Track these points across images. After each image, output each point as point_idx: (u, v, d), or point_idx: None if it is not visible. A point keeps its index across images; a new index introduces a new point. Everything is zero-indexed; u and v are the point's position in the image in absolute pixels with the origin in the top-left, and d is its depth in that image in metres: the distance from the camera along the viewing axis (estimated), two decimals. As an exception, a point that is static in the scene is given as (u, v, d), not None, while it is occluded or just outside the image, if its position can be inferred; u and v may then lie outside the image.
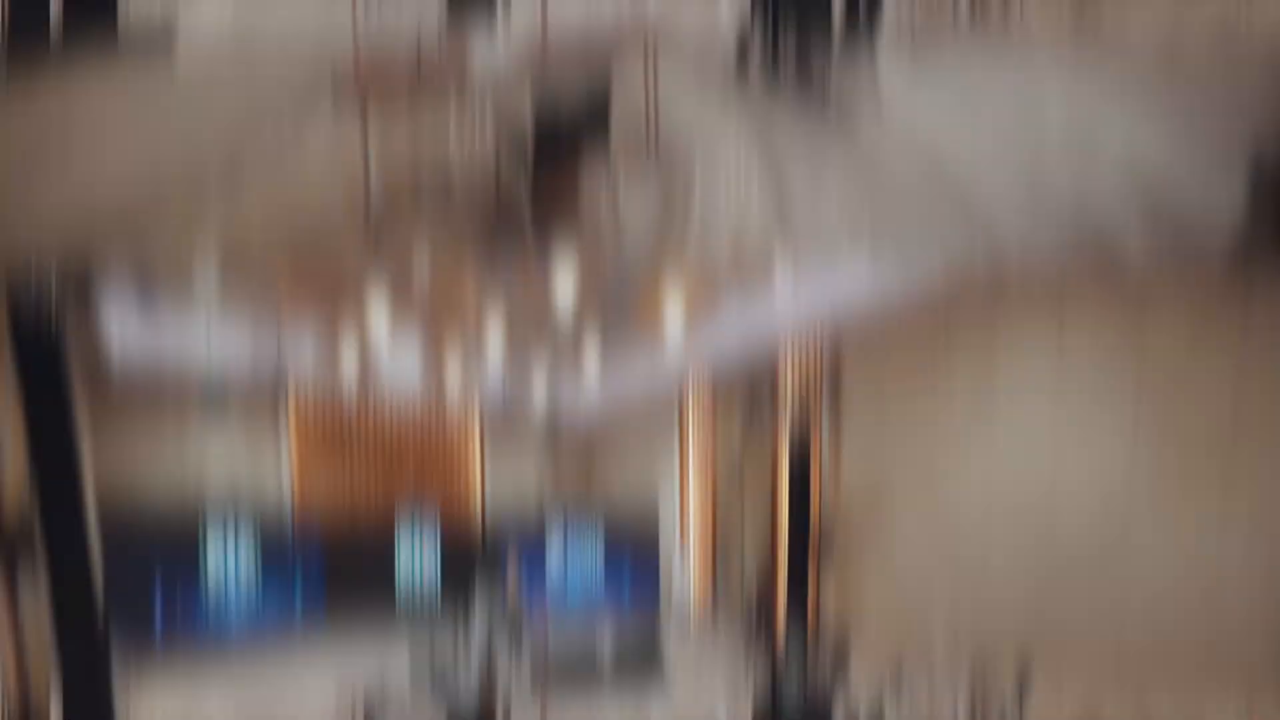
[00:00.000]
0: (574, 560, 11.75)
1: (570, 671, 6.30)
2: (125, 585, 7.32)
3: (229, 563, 8.75)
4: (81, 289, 4.19)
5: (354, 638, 9.28)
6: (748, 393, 7.88)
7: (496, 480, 10.92)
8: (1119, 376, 6.16)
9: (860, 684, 7.04)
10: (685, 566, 10.09)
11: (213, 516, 8.76)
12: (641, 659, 6.95)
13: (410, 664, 5.35)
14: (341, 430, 9.84)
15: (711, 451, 8.98)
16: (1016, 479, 7.01)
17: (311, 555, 9.89)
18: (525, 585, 8.59)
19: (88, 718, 4.45)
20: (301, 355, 7.02)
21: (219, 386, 8.53)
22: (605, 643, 6.60)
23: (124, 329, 6.03)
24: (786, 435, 7.96)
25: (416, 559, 10.86)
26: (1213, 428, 5.81)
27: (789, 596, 8.95)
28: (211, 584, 8.48)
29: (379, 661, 9.31)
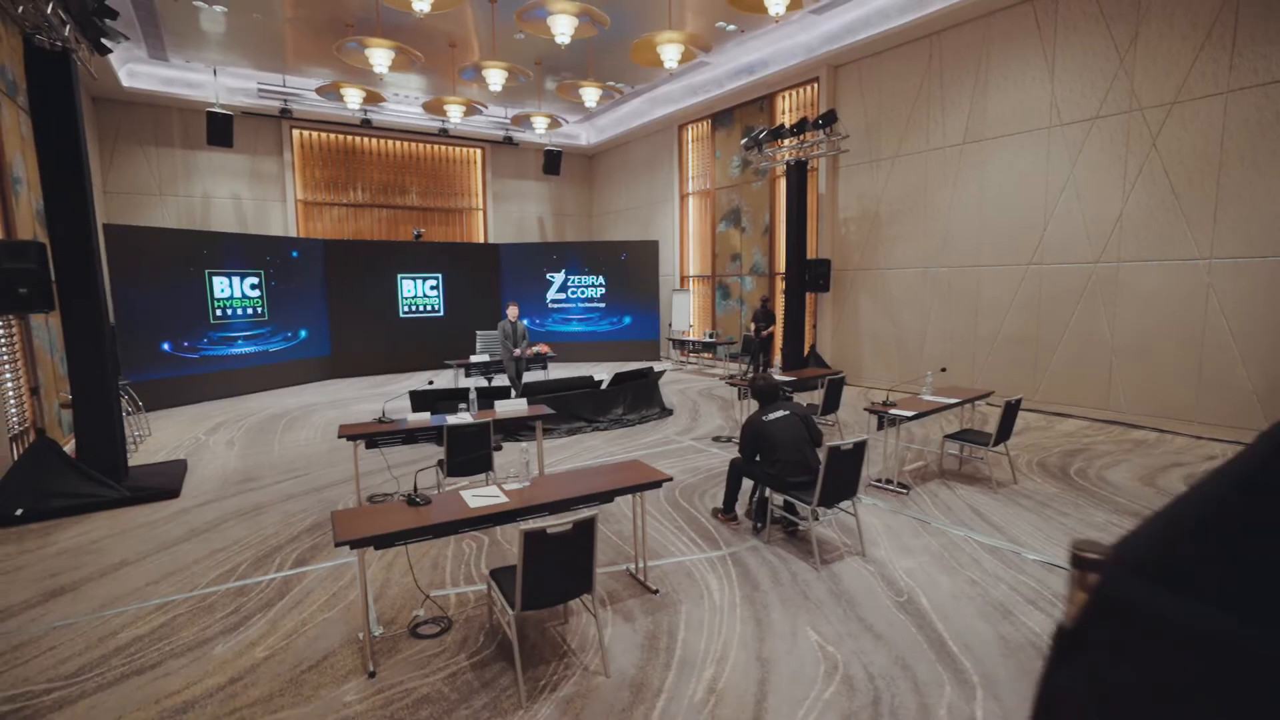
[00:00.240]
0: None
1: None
2: (135, 309, 7.74)
3: (236, 289, 9.08)
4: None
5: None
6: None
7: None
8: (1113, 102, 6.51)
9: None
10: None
11: (222, 242, 9.13)
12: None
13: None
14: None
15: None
16: (1011, 207, 7.38)
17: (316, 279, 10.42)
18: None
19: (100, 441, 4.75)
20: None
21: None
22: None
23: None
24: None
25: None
26: (1202, 152, 5.98)
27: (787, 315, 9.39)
28: (219, 309, 8.86)
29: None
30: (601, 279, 12.91)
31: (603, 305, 13.01)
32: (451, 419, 4.30)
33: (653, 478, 3.06)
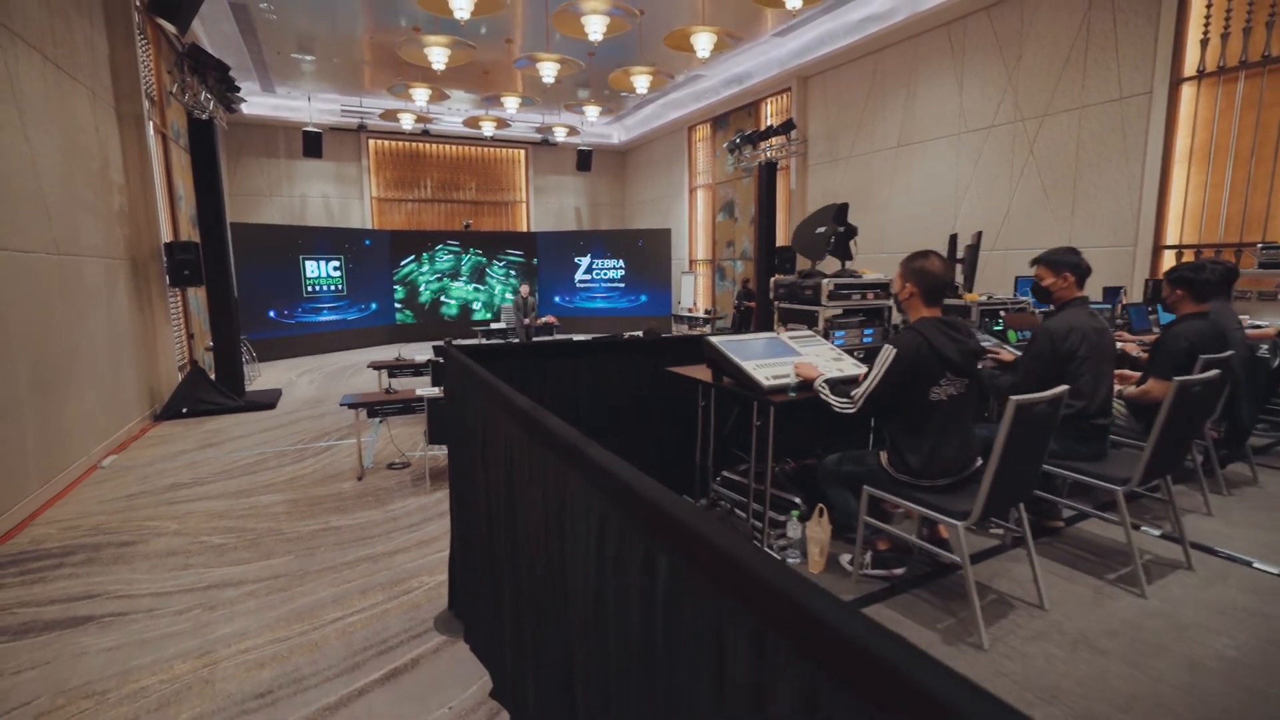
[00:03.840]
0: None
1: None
2: (251, 286, 10.58)
3: (323, 270, 11.81)
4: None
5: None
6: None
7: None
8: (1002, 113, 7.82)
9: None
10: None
11: (312, 234, 11.92)
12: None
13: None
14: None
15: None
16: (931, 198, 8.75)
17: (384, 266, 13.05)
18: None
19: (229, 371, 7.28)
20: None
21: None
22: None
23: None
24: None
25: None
26: (1063, 158, 7.25)
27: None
28: (309, 286, 11.62)
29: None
30: (621, 262, 14.84)
31: (623, 285, 14.95)
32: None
33: (530, 387, 5.04)
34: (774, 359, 2.35)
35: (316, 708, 2.24)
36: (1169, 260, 6.43)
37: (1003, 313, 3.56)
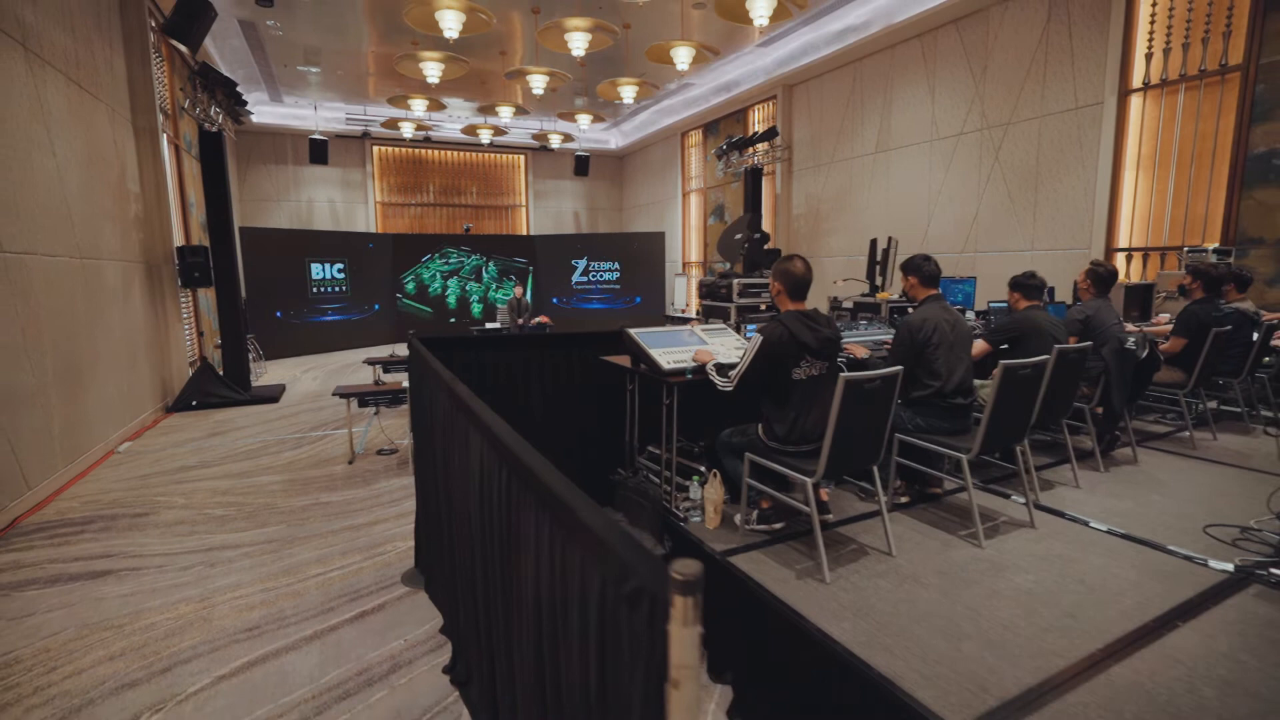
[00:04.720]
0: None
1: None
2: (259, 287, 11.00)
3: (328, 272, 12.25)
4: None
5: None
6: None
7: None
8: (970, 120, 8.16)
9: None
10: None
11: (318, 237, 12.37)
12: None
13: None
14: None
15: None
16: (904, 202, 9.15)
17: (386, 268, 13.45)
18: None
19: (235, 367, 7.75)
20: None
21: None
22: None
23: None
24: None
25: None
26: (1026, 165, 7.60)
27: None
28: (315, 287, 12.07)
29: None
30: (617, 265, 15.27)
31: (618, 287, 15.37)
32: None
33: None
34: (681, 347, 2.77)
35: (295, 638, 2.68)
36: (1120, 262, 6.76)
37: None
